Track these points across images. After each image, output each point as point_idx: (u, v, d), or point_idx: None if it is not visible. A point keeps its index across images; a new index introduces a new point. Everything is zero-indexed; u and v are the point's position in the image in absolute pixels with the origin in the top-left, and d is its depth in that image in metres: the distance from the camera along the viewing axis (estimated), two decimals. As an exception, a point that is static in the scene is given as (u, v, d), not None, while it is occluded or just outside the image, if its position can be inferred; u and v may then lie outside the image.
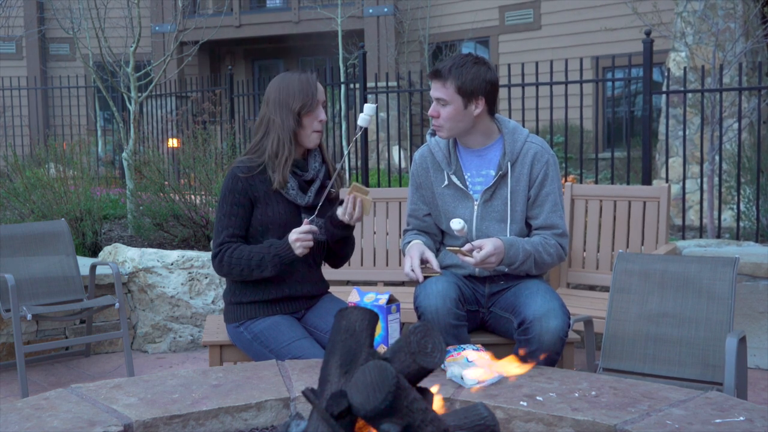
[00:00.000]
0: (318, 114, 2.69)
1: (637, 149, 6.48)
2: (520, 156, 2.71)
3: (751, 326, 4.07)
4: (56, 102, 13.90)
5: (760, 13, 7.60)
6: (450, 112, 2.64)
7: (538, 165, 2.70)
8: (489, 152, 2.75)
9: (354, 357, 1.50)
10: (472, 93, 2.61)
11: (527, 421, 1.87)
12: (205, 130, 6.34)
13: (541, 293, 2.60)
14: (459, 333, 2.60)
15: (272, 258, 2.61)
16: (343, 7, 11.97)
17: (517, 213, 2.72)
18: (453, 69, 2.61)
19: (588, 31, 11.70)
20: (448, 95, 2.62)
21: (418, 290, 2.66)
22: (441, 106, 2.65)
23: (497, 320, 2.80)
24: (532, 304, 2.56)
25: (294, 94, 2.67)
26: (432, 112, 2.66)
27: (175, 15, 8.52)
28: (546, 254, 2.68)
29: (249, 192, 2.68)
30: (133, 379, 2.14)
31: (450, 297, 2.57)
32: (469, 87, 2.61)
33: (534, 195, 2.71)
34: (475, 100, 2.63)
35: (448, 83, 2.61)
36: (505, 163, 2.70)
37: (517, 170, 2.70)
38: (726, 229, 6.18)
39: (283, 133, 2.66)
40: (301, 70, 2.78)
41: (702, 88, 5.48)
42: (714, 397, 1.93)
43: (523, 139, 2.73)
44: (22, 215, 5.93)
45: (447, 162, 2.76)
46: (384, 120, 12.15)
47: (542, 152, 2.72)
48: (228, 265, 2.67)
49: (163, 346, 4.72)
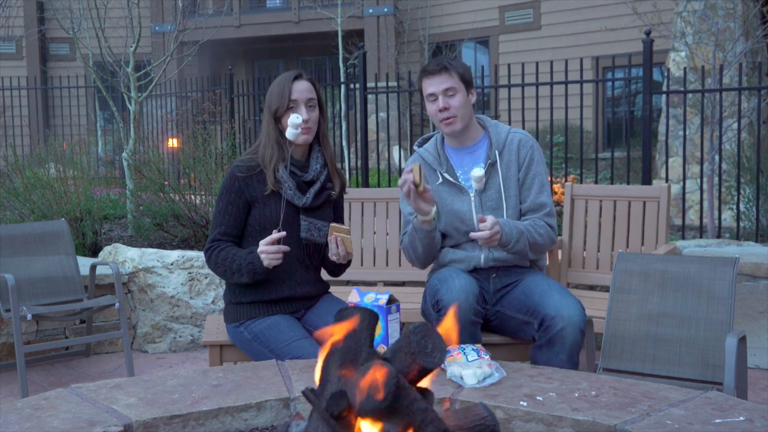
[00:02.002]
0: (298, 114, 2.66)
1: (637, 149, 6.48)
2: (506, 145, 2.84)
3: (751, 326, 4.07)
4: (56, 102, 13.90)
5: (759, 12, 7.60)
6: (460, 100, 2.77)
7: (524, 149, 2.83)
8: (476, 149, 2.87)
9: (354, 357, 1.50)
10: (470, 81, 2.81)
11: (527, 421, 1.87)
12: (205, 130, 6.34)
13: (555, 290, 2.67)
14: (475, 330, 2.63)
15: (246, 265, 2.62)
16: (343, 7, 11.98)
17: (510, 198, 2.81)
18: (451, 61, 2.79)
19: (588, 31, 11.71)
20: (456, 83, 2.76)
21: (438, 284, 2.67)
22: (449, 97, 2.76)
23: (505, 320, 2.81)
24: (549, 301, 2.62)
25: (272, 97, 2.70)
26: (443, 105, 2.76)
27: (175, 15, 8.52)
28: (537, 235, 2.75)
29: (246, 192, 2.69)
30: (133, 379, 2.14)
31: (473, 292, 2.63)
32: (467, 76, 2.81)
33: (522, 177, 2.82)
34: (471, 89, 2.82)
35: (453, 72, 2.76)
36: (493, 153, 2.82)
37: (506, 157, 2.83)
38: (726, 229, 6.18)
39: (269, 137, 2.68)
40: (294, 70, 2.77)
41: (702, 88, 5.48)
42: (714, 397, 1.93)
43: (506, 130, 2.88)
44: (22, 215, 5.93)
45: (438, 162, 2.87)
46: (384, 120, 12.16)
47: (526, 139, 2.87)
48: (214, 264, 2.72)
49: (163, 346, 4.72)
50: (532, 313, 2.67)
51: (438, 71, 2.77)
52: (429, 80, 2.80)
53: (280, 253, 2.59)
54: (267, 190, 2.66)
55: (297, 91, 2.68)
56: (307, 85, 2.71)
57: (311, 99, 2.71)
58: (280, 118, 2.69)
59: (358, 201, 4.31)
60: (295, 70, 2.79)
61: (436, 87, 2.77)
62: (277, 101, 2.68)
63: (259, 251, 2.59)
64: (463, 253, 2.83)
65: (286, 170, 2.68)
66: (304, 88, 2.70)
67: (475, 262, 2.81)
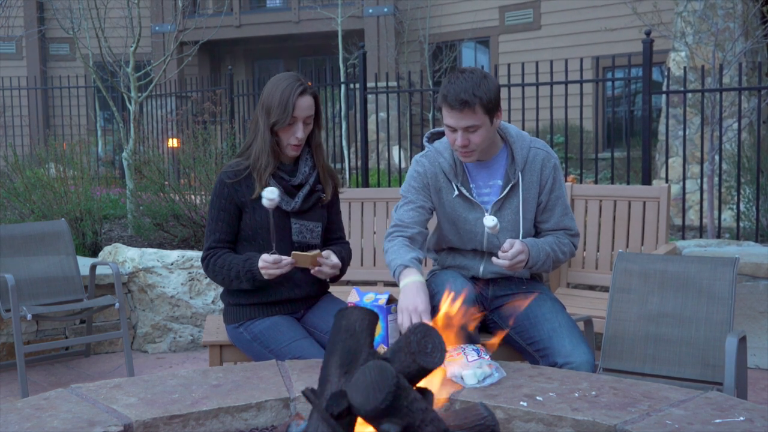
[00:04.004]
0: (294, 130, 2.62)
1: (637, 149, 6.49)
2: (527, 164, 2.65)
3: (751, 326, 4.07)
4: (56, 102, 13.90)
5: (759, 12, 7.60)
6: (482, 136, 2.52)
7: (547, 171, 2.66)
8: (494, 162, 2.68)
9: (354, 357, 1.50)
10: (495, 108, 2.51)
11: (527, 421, 1.87)
12: (205, 130, 6.34)
13: (566, 331, 2.54)
14: (471, 334, 2.60)
15: (245, 273, 2.62)
16: (343, 7, 11.98)
17: (527, 221, 2.69)
18: (476, 92, 2.44)
19: (588, 31, 11.71)
20: (479, 119, 2.48)
21: (435, 288, 2.64)
22: (471, 133, 2.50)
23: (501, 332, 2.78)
24: (558, 345, 2.50)
25: (273, 106, 2.60)
26: (462, 142, 2.50)
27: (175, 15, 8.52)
28: (561, 253, 2.68)
29: (235, 198, 2.67)
30: (133, 379, 2.14)
31: (468, 297, 2.55)
32: (492, 104, 2.49)
33: (545, 201, 2.68)
34: (497, 113, 2.53)
35: (476, 107, 2.45)
36: (515, 174, 2.64)
37: (527, 179, 2.65)
38: (726, 229, 6.18)
39: (264, 144, 2.63)
40: (295, 76, 2.66)
41: (702, 88, 5.48)
42: (714, 397, 1.93)
43: (527, 146, 2.66)
44: (22, 215, 5.93)
45: (454, 173, 2.67)
46: (384, 120, 12.16)
47: (548, 157, 2.67)
48: (212, 272, 2.71)
49: (163, 346, 4.72)
50: (537, 348, 2.59)
51: (460, 108, 2.44)
52: (449, 112, 2.48)
53: (281, 271, 2.57)
54: (255, 195, 2.64)
55: (300, 108, 2.60)
56: (310, 101, 2.63)
57: (310, 116, 2.65)
58: (279, 131, 2.63)
59: (358, 201, 4.31)
60: (297, 77, 2.66)
61: (456, 122, 2.48)
62: (278, 114, 2.59)
63: (260, 265, 2.57)
64: (463, 260, 2.80)
65: (272, 177, 2.66)
66: (308, 105, 2.62)
67: (474, 271, 2.78)
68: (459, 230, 2.73)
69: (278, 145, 2.66)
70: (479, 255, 2.76)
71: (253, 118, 2.72)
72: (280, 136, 2.64)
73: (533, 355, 2.62)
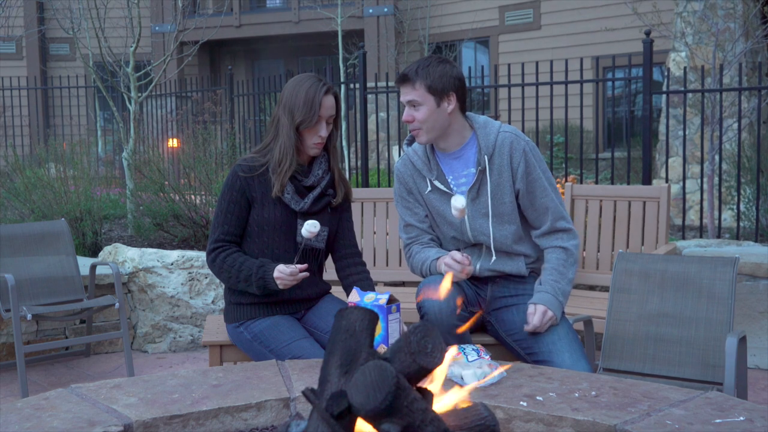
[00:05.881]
0: (318, 129, 2.64)
1: (637, 149, 6.49)
2: (496, 148, 2.67)
3: (751, 326, 4.07)
4: (56, 102, 13.90)
5: (759, 13, 7.60)
6: (424, 113, 2.61)
7: (517, 154, 2.66)
8: (465, 152, 2.73)
9: (354, 357, 1.50)
10: (443, 90, 2.61)
11: (527, 421, 1.87)
12: (206, 130, 6.34)
13: (566, 345, 2.56)
14: (461, 333, 2.59)
15: (257, 280, 2.61)
16: (343, 7, 11.98)
17: (506, 205, 2.68)
18: (419, 70, 2.61)
19: (588, 31, 11.70)
20: (419, 96, 2.61)
21: (421, 290, 2.65)
22: (414, 110, 2.62)
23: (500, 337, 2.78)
24: (558, 360, 2.52)
25: (298, 107, 2.62)
26: (406, 118, 2.63)
27: (175, 15, 8.52)
28: (571, 272, 2.70)
29: (247, 191, 2.68)
30: (133, 379, 2.14)
31: (453, 297, 2.56)
32: (438, 85, 2.60)
33: (523, 187, 2.68)
34: (446, 97, 2.62)
35: (417, 84, 2.60)
36: (482, 158, 2.67)
37: (496, 162, 2.67)
38: (726, 229, 6.18)
39: (288, 143, 2.63)
40: (317, 76, 2.68)
41: (702, 88, 5.48)
42: (714, 397, 1.93)
43: (495, 131, 2.69)
44: (22, 215, 5.93)
45: (428, 168, 2.73)
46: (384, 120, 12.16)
47: (517, 140, 2.68)
48: (219, 268, 2.69)
49: (163, 346, 4.72)
50: (536, 360, 2.59)
51: (402, 81, 2.63)
52: (400, 88, 2.66)
53: (296, 282, 2.59)
54: (273, 193, 2.64)
55: (325, 107, 2.63)
56: (333, 101, 2.66)
57: (332, 116, 2.68)
58: (304, 131, 2.64)
59: (358, 201, 4.31)
60: (319, 77, 2.67)
61: (402, 97, 2.65)
62: (304, 114, 2.61)
63: (275, 275, 2.57)
64: None
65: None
66: (331, 104, 2.66)
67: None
68: (443, 223, 2.77)
69: (298, 146, 2.67)
70: (476, 253, 2.76)
71: (272, 118, 2.72)
72: (304, 136, 2.65)
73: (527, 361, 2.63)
